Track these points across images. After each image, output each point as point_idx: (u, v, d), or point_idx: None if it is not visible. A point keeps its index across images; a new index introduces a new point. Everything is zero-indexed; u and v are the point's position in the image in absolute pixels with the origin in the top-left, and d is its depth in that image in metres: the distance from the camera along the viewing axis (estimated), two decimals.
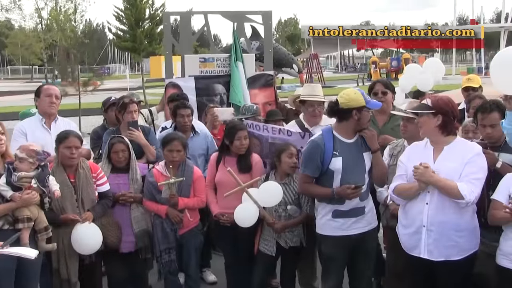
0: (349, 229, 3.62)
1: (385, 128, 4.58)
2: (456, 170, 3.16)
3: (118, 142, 4.24)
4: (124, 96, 5.15)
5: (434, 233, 3.21)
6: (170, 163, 4.16)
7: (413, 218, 3.31)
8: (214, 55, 6.66)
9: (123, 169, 4.25)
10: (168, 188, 4.10)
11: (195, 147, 4.82)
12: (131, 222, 4.19)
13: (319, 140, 3.61)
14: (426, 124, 3.26)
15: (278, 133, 4.41)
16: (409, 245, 3.35)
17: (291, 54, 20.93)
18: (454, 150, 3.24)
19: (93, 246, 3.88)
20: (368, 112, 3.56)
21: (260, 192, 3.95)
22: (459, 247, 3.21)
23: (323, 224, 3.69)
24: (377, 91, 4.62)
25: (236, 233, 4.18)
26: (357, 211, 3.62)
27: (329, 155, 3.54)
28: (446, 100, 3.27)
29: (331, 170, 3.57)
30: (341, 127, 3.61)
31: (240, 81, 6.28)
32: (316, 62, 37.06)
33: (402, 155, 3.52)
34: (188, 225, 4.23)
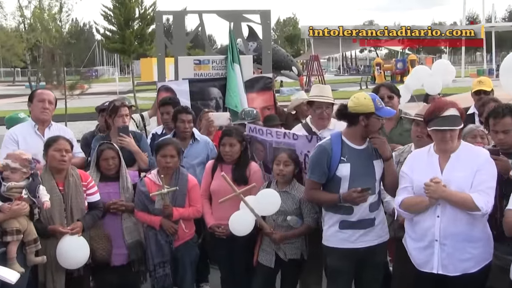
0: (356, 241, 3.62)
1: (392, 133, 4.61)
2: (466, 179, 3.17)
3: (108, 148, 4.25)
4: (115, 100, 5.18)
5: (448, 247, 3.22)
6: (163, 169, 4.17)
7: (423, 232, 3.31)
8: (209, 57, 6.69)
9: (112, 177, 4.26)
10: (161, 199, 4.11)
11: (194, 155, 4.83)
12: (123, 233, 4.19)
13: (326, 145, 3.63)
14: (456, 135, 3.27)
15: (283, 137, 4.43)
16: (420, 260, 3.35)
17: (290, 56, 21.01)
18: (461, 157, 3.25)
19: (79, 260, 3.87)
20: (378, 120, 3.54)
21: (257, 199, 3.97)
22: (475, 259, 3.23)
23: (329, 236, 3.69)
24: (383, 95, 4.63)
25: (232, 245, 4.19)
26: (366, 222, 3.62)
27: (336, 161, 3.56)
28: (458, 103, 3.32)
29: (338, 177, 3.58)
30: (350, 132, 3.63)
31: (237, 84, 6.31)
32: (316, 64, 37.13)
33: (404, 165, 3.51)
34: (183, 237, 4.24)
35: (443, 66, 7.51)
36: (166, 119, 5.37)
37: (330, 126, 4.46)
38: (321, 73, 37.07)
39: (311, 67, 37.32)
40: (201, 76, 6.54)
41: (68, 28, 25.42)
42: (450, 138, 3.24)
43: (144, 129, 6.16)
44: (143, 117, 6.37)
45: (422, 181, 3.25)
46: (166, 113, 5.38)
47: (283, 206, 3.97)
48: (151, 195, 4.10)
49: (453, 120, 3.25)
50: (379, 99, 3.59)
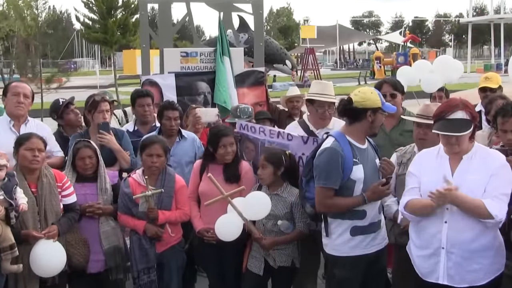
0: (367, 246, 3.65)
1: (393, 132, 4.63)
2: (479, 183, 3.14)
3: (84, 147, 4.22)
4: (95, 94, 5.15)
5: (455, 256, 3.19)
6: (149, 170, 4.15)
7: (429, 238, 3.29)
8: (197, 49, 6.68)
9: (90, 178, 4.23)
10: (146, 201, 4.10)
11: (182, 153, 4.82)
12: (100, 238, 4.17)
13: (336, 147, 3.57)
14: (465, 139, 3.21)
15: (276, 136, 4.43)
16: (424, 269, 3.34)
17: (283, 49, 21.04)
18: (475, 159, 3.22)
19: (55, 267, 3.83)
20: (382, 115, 3.60)
21: (246, 202, 3.97)
22: (485, 270, 3.19)
23: (339, 245, 3.66)
24: (385, 93, 4.61)
25: (222, 251, 4.19)
26: (376, 225, 3.68)
27: (350, 163, 3.55)
28: (472, 105, 3.28)
29: (352, 180, 3.57)
30: (352, 130, 3.63)
31: (227, 78, 6.30)
32: (312, 57, 37.29)
33: (412, 165, 3.51)
34: (169, 241, 4.23)
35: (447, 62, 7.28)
36: (146, 111, 5.31)
37: (330, 125, 4.47)
38: (316, 68, 37.22)
39: (306, 60, 37.45)
40: (188, 69, 6.52)
41: (44, 16, 25.32)
42: (456, 143, 3.20)
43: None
44: (126, 113, 6.36)
45: (431, 183, 3.23)
46: (146, 105, 5.31)
47: (273, 210, 3.98)
48: (135, 198, 4.09)
49: (459, 125, 3.17)
50: (381, 95, 3.66)
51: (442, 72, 6.80)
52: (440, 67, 6.95)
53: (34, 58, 17.05)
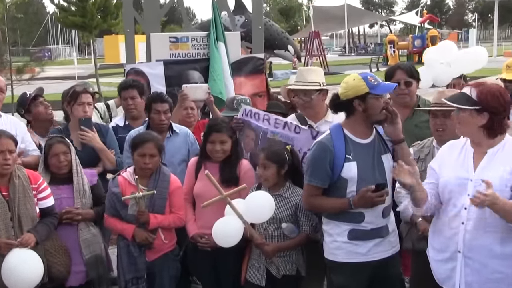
0: (369, 254, 3.66)
1: (407, 124, 4.63)
2: (503, 181, 3.13)
3: (57, 142, 4.25)
4: (76, 85, 5.19)
5: (473, 262, 3.20)
6: (142, 171, 4.20)
7: (446, 241, 3.32)
8: (188, 34, 6.70)
9: (65, 179, 4.26)
10: (136, 203, 4.14)
11: (174, 151, 4.82)
12: (80, 247, 4.20)
13: (326, 141, 3.67)
14: (466, 122, 3.21)
15: (282, 127, 4.46)
16: (441, 275, 3.39)
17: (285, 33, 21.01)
18: (501, 154, 3.21)
19: (32, 279, 3.81)
20: (377, 99, 3.58)
21: (247, 204, 4.00)
22: (508, 279, 3.19)
23: (335, 248, 3.71)
24: (399, 80, 4.66)
25: (217, 259, 4.24)
26: (380, 231, 3.67)
27: (341, 160, 3.60)
28: (497, 93, 3.17)
29: (343, 179, 3.62)
30: (350, 123, 3.68)
31: (222, 66, 6.33)
32: (317, 42, 37.25)
33: (434, 160, 3.55)
34: (161, 248, 4.27)
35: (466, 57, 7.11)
36: (129, 105, 5.36)
37: (328, 118, 4.48)
38: (322, 53, 37.20)
39: (311, 46, 37.41)
40: (179, 57, 6.54)
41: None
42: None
43: (110, 121, 6.16)
44: (109, 106, 6.38)
45: (449, 178, 3.27)
46: (130, 98, 5.37)
47: (276, 213, 4.01)
48: (123, 199, 4.12)
49: (454, 99, 3.28)
50: (372, 76, 3.62)
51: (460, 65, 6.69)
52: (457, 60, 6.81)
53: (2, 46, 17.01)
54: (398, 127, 3.66)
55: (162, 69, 6.39)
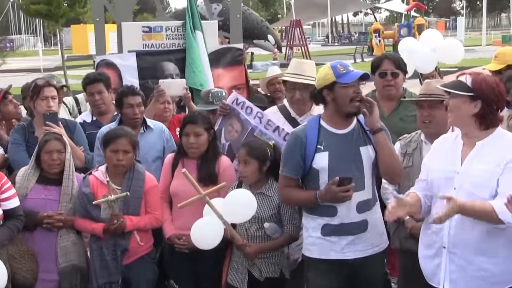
0: (343, 251, 3.70)
1: (392, 117, 4.70)
2: (490, 174, 3.16)
3: (54, 139, 4.24)
4: (38, 78, 5.14)
5: (458, 258, 3.24)
6: (115, 168, 4.18)
7: (433, 236, 3.37)
8: (162, 23, 6.68)
9: (54, 180, 4.23)
10: (109, 207, 4.11)
11: (148, 147, 4.78)
12: (56, 255, 4.16)
13: (299, 132, 3.76)
14: (459, 109, 3.24)
15: (273, 130, 4.49)
16: (427, 271, 3.43)
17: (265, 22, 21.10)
18: (490, 147, 3.24)
19: None
20: (346, 88, 3.60)
21: (226, 203, 4.00)
22: (494, 278, 3.20)
23: (310, 244, 3.78)
24: (386, 70, 4.71)
25: (196, 261, 4.24)
26: (355, 226, 3.70)
27: (312, 150, 3.67)
28: (492, 83, 3.22)
29: (315, 169, 3.68)
30: (327, 115, 3.75)
31: (201, 57, 6.33)
32: (299, 31, 37.35)
33: (427, 155, 3.59)
34: (137, 251, 4.26)
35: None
36: (96, 101, 5.32)
37: (313, 112, 4.48)
38: (304, 43, 37.31)
39: (292, 35, 37.50)
40: (152, 47, 6.52)
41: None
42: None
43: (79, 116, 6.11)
44: (78, 100, 6.33)
45: (437, 171, 3.32)
46: (97, 93, 5.31)
47: (257, 212, 4.02)
48: (95, 203, 4.10)
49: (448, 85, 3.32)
50: (342, 65, 3.66)
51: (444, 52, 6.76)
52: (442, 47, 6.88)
53: None
54: (374, 116, 3.67)
55: (135, 60, 6.36)
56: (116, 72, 6.24)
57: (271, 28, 22.03)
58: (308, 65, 4.62)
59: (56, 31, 28.31)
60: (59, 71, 22.94)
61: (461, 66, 12.83)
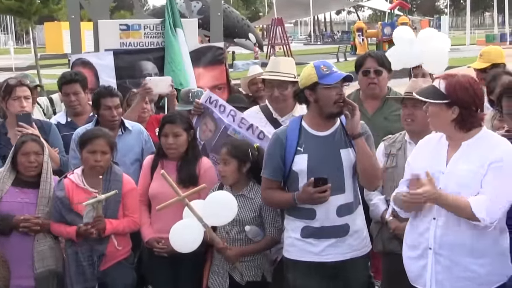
0: (323, 253, 3.72)
1: (376, 116, 4.74)
2: (474, 174, 3.21)
3: (31, 140, 4.22)
4: (10, 78, 5.10)
5: (444, 259, 3.27)
6: (92, 170, 4.16)
7: (418, 237, 3.40)
8: (140, 21, 6.68)
9: (32, 182, 4.21)
10: (93, 209, 4.08)
11: (127, 150, 4.77)
12: (33, 260, 4.14)
13: (280, 133, 3.79)
14: (437, 116, 3.29)
15: (246, 128, 4.51)
16: (412, 273, 3.46)
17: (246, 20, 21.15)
18: (475, 146, 3.28)
19: None
20: (329, 89, 3.61)
21: (206, 205, 4.00)
22: (480, 279, 3.24)
23: (289, 245, 3.81)
24: (369, 68, 4.75)
25: (176, 265, 4.24)
26: (336, 230, 3.72)
27: (292, 152, 3.70)
28: (466, 85, 3.21)
29: (294, 172, 3.71)
30: (309, 116, 3.77)
31: (182, 55, 6.33)
32: (280, 30, 37.42)
33: (411, 155, 3.62)
34: (115, 256, 4.24)
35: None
36: (72, 102, 5.29)
37: (295, 112, 4.51)
38: (286, 42, 37.41)
39: (274, 34, 37.57)
40: (130, 46, 6.52)
41: None
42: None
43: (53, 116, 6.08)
44: (53, 101, 6.29)
45: (422, 170, 3.31)
46: (73, 94, 5.27)
47: (238, 214, 4.03)
48: (85, 204, 4.05)
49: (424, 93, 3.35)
50: (325, 65, 3.67)
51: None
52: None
53: None
54: (355, 120, 3.66)
55: (112, 59, 6.34)
56: (93, 72, 6.21)
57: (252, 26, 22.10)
58: (284, 62, 4.66)
59: (29, 29, 28.07)
60: (32, 70, 22.76)
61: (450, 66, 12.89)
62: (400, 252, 3.57)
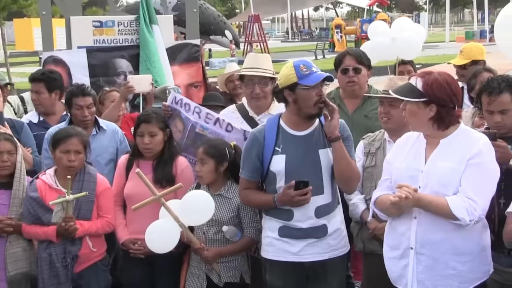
0: (300, 253, 3.75)
1: (356, 114, 4.78)
2: (453, 172, 3.24)
3: (4, 139, 4.20)
4: None
5: (425, 258, 3.30)
6: (66, 170, 4.14)
7: (399, 237, 3.43)
8: (114, 17, 6.67)
9: (3, 183, 4.20)
10: (63, 209, 4.07)
11: (101, 149, 4.78)
12: (5, 262, 4.12)
13: (258, 132, 3.81)
14: (415, 114, 3.32)
15: (213, 123, 4.51)
16: (394, 273, 3.49)
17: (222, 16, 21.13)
18: (453, 144, 3.32)
19: None
20: (308, 91, 3.63)
21: (183, 205, 4.00)
22: (461, 277, 3.28)
23: (266, 245, 3.84)
24: (347, 67, 4.78)
25: (153, 267, 4.24)
26: (314, 230, 3.74)
27: (270, 152, 3.72)
28: (443, 83, 3.25)
29: (272, 173, 3.74)
30: (287, 115, 3.79)
31: (158, 53, 6.32)
32: (257, 27, 37.48)
33: (389, 153, 3.66)
34: (89, 258, 4.23)
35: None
36: (34, 100, 5.29)
37: (272, 110, 4.54)
38: (263, 39, 37.44)
39: (250, 31, 37.60)
40: (104, 43, 6.52)
41: None
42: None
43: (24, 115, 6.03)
44: (24, 99, 6.24)
45: (400, 171, 3.39)
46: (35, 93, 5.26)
47: (216, 214, 4.05)
48: (51, 203, 4.04)
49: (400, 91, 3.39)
50: (305, 65, 3.67)
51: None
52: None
53: None
54: (334, 122, 3.66)
55: (85, 57, 6.33)
56: (65, 70, 6.19)
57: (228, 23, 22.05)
58: (263, 58, 4.68)
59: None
60: (2, 68, 22.50)
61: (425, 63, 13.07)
62: (381, 252, 3.59)
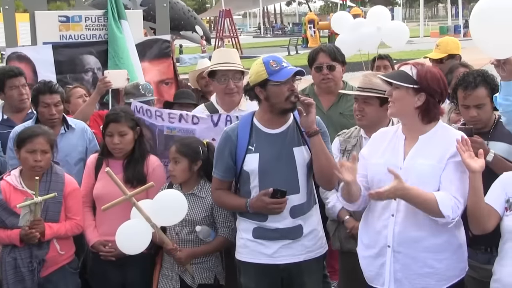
0: (275, 255, 3.76)
1: (332, 111, 4.82)
2: (433, 169, 3.30)
3: None
4: None
5: (402, 256, 3.34)
6: (32, 170, 4.11)
7: (375, 235, 3.46)
8: (81, 12, 6.63)
9: None
10: (30, 212, 4.02)
11: (70, 149, 4.76)
12: None
13: (230, 130, 3.81)
14: (401, 100, 3.35)
15: (178, 120, 4.52)
16: (370, 272, 3.52)
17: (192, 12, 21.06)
18: (432, 141, 3.37)
19: None
20: (279, 87, 3.63)
21: (155, 204, 4.00)
22: (439, 275, 3.33)
23: (240, 246, 3.85)
24: (321, 64, 4.81)
25: (124, 269, 4.23)
26: (289, 231, 3.75)
27: (243, 151, 3.73)
28: (437, 75, 3.34)
29: (245, 172, 3.75)
30: (260, 112, 3.80)
31: (128, 48, 6.31)
32: (228, 22, 37.48)
33: (364, 147, 3.69)
34: (57, 261, 4.20)
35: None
36: (22, 95, 5.17)
37: (242, 106, 4.57)
38: (235, 35, 37.48)
39: (222, 26, 37.59)
40: (70, 39, 6.48)
41: None
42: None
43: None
44: None
45: (378, 167, 3.41)
46: (22, 86, 5.17)
47: (189, 214, 4.05)
48: (18, 206, 3.99)
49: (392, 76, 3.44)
50: (275, 60, 3.67)
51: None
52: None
53: None
54: (311, 117, 3.67)
55: (51, 53, 6.29)
56: (30, 66, 6.15)
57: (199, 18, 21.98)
58: (234, 52, 4.73)
59: None
60: None
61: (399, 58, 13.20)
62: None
